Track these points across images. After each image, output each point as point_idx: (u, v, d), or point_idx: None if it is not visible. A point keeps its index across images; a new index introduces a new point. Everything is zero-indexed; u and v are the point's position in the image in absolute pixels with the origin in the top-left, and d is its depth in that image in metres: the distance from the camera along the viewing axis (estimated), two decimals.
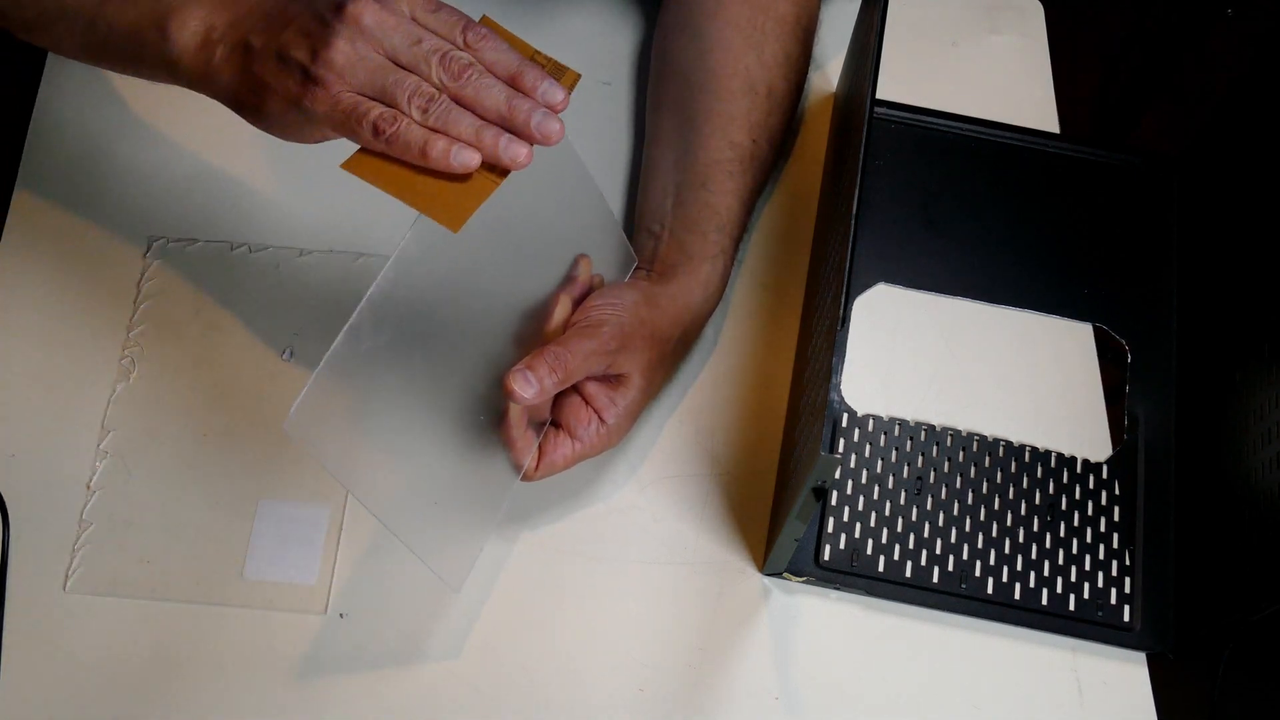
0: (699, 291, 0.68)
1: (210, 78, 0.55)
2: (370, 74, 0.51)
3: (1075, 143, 0.81)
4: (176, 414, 0.69)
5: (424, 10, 0.53)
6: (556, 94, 0.53)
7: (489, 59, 0.52)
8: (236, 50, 0.54)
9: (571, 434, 0.62)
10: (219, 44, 0.54)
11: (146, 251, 0.74)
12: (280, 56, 0.52)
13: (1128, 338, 0.74)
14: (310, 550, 0.66)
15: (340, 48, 0.51)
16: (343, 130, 0.52)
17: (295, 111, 0.52)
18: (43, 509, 0.66)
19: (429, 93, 0.51)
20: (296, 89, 0.52)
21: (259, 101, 0.53)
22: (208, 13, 0.55)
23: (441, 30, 0.52)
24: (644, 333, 0.63)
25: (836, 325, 0.56)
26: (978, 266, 0.77)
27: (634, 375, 0.63)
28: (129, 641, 0.63)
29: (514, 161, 0.51)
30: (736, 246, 0.71)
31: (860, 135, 0.61)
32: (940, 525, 0.68)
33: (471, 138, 0.51)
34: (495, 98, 0.52)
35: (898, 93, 0.82)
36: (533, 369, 0.57)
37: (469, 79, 0.52)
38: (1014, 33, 0.87)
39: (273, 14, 0.53)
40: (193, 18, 0.55)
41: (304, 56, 0.51)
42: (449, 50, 0.52)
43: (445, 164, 0.50)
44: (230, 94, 0.55)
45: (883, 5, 0.64)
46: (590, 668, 0.64)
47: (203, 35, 0.55)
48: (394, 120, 0.51)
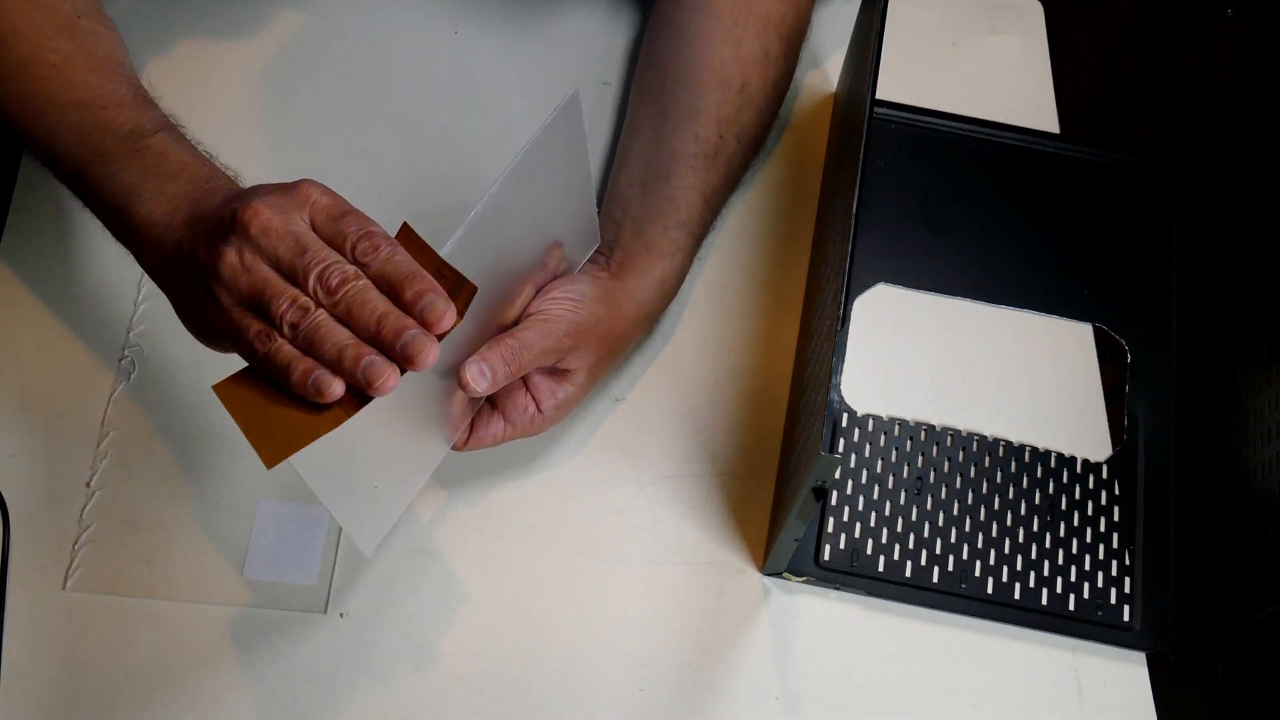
0: (654, 290, 0.68)
1: (155, 273, 0.55)
2: (252, 286, 0.49)
3: (1075, 143, 0.81)
4: (176, 414, 0.69)
5: (325, 216, 0.50)
6: (438, 307, 0.49)
7: (376, 271, 0.49)
8: (175, 248, 0.53)
9: (505, 416, 0.62)
10: (167, 240, 0.54)
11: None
12: (193, 263, 0.51)
13: (1128, 338, 0.75)
14: (310, 550, 0.66)
15: (227, 258, 0.49)
16: (234, 349, 0.50)
17: (203, 323, 0.52)
18: (43, 509, 0.66)
19: (303, 307, 0.48)
20: (200, 300, 0.51)
21: (182, 303, 0.54)
22: (166, 211, 0.55)
23: (335, 239, 0.50)
24: (599, 331, 0.63)
25: (836, 325, 0.56)
26: (978, 266, 0.77)
27: (580, 372, 0.63)
28: (129, 641, 0.63)
29: (369, 384, 0.47)
30: (697, 244, 0.71)
31: (860, 135, 0.61)
32: (940, 525, 0.68)
33: (333, 358, 0.48)
34: (369, 314, 0.48)
35: (898, 93, 0.82)
36: (488, 362, 0.57)
37: (345, 293, 0.48)
38: (1014, 33, 0.87)
39: (206, 220, 0.52)
40: (155, 211, 0.55)
41: (203, 265, 0.50)
42: (331, 263, 0.49)
43: (304, 390, 0.48)
44: (166, 284, 0.55)
45: (883, 5, 0.64)
46: (590, 668, 0.64)
47: (157, 232, 0.55)
48: (268, 339, 0.49)
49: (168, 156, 0.57)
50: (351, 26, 0.83)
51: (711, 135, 0.71)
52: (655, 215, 0.69)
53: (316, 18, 0.83)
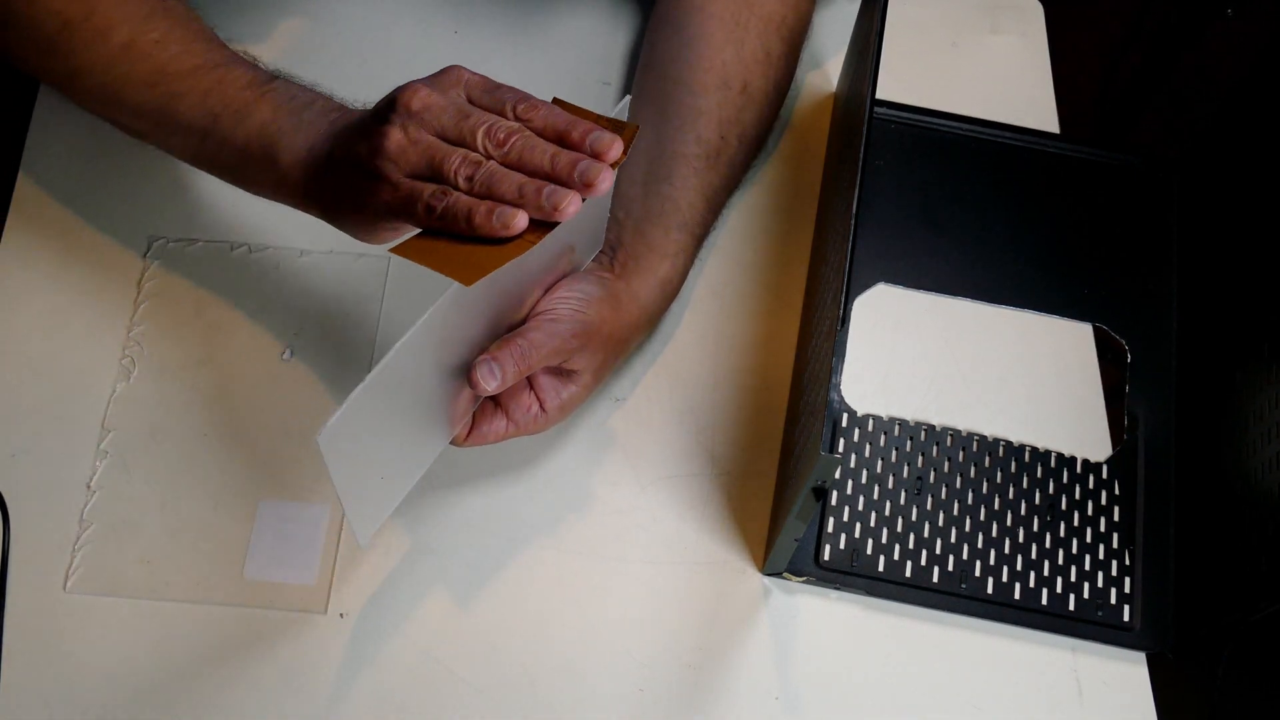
0: (657, 290, 0.68)
1: (308, 195, 0.58)
2: (421, 155, 0.52)
3: (1075, 143, 0.81)
4: (176, 414, 0.69)
5: (479, 90, 0.54)
6: (605, 141, 0.52)
7: (539, 124, 0.53)
8: (326, 165, 0.57)
9: (508, 414, 0.62)
10: (315, 163, 0.57)
11: (146, 251, 0.74)
12: (352, 161, 0.54)
13: (1128, 338, 0.75)
14: (310, 550, 0.66)
15: (393, 136, 0.53)
16: (405, 217, 0.53)
17: (368, 210, 0.55)
18: (43, 509, 0.66)
19: (475, 161, 0.52)
20: (365, 186, 0.54)
21: (343, 208, 0.57)
22: (310, 135, 0.58)
23: (493, 105, 0.54)
24: (604, 332, 0.63)
25: (836, 325, 0.56)
26: (978, 266, 0.77)
27: (584, 373, 0.63)
28: (129, 641, 0.63)
29: (555, 209, 0.51)
30: (699, 245, 0.71)
31: (860, 135, 0.61)
32: (940, 525, 0.68)
33: (514, 196, 0.51)
34: (540, 155, 0.52)
35: (898, 93, 0.82)
36: (499, 362, 0.57)
37: (514, 143, 0.52)
38: (1014, 33, 0.87)
39: (354, 125, 0.56)
40: (297, 141, 0.58)
41: (364, 154, 0.53)
42: (495, 121, 0.53)
43: (489, 228, 0.51)
44: (324, 206, 0.58)
45: (883, 5, 0.64)
46: (590, 668, 0.64)
47: (304, 157, 0.58)
48: (444, 195, 0.51)
49: (294, 96, 0.61)
50: (351, 27, 0.83)
51: (713, 136, 0.71)
52: (657, 216, 0.69)
53: (316, 18, 0.83)
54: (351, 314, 0.73)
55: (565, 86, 0.82)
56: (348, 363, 0.71)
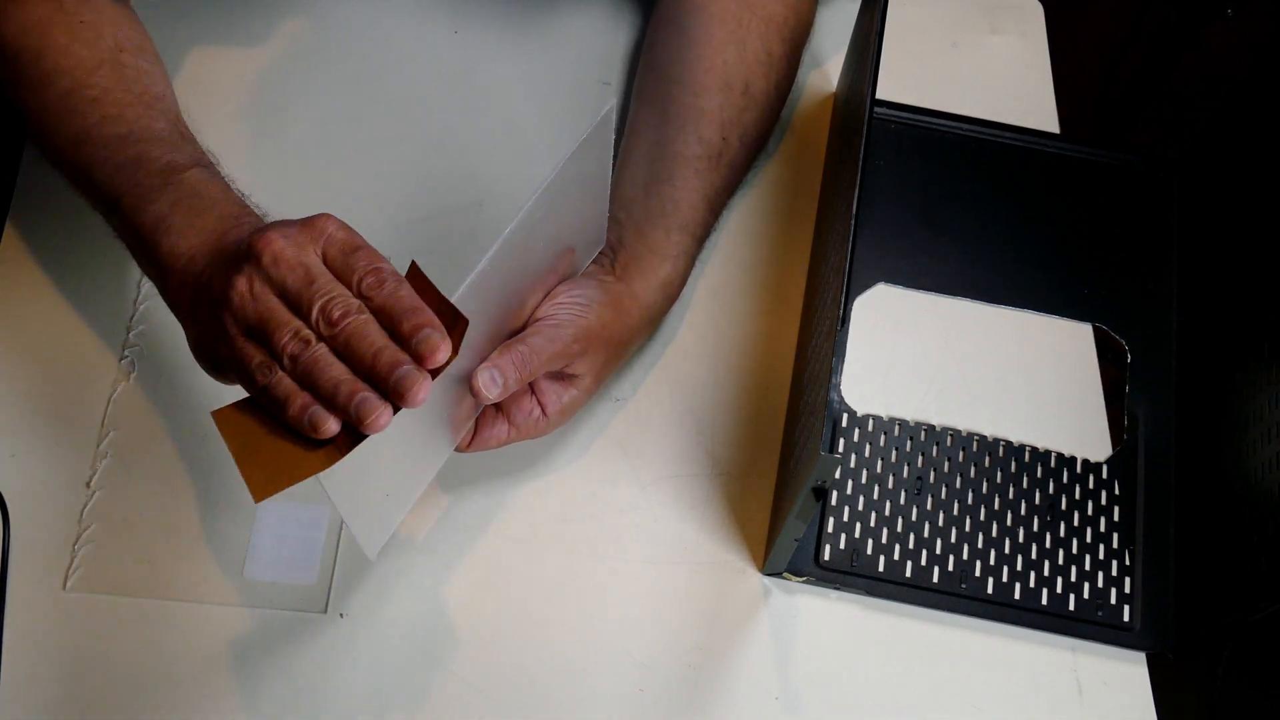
0: (658, 292, 0.68)
1: (178, 305, 0.56)
2: (258, 315, 0.49)
3: (1075, 143, 0.81)
4: (176, 414, 0.69)
5: (337, 249, 0.51)
6: (432, 341, 0.48)
7: (377, 304, 0.49)
8: (197, 279, 0.54)
9: (509, 419, 0.61)
10: (190, 273, 0.55)
11: None
12: (209, 292, 0.52)
13: (1128, 338, 0.75)
14: (310, 550, 0.66)
15: (238, 287, 0.50)
16: (238, 380, 0.51)
17: (213, 356, 0.53)
18: (43, 509, 0.66)
19: (304, 339, 0.49)
20: (214, 330, 0.51)
21: (198, 335, 0.54)
22: (191, 243, 0.56)
23: (345, 275, 0.50)
24: (605, 336, 0.63)
25: (836, 325, 0.56)
26: (978, 266, 0.77)
27: (586, 377, 0.63)
28: (129, 641, 0.63)
29: (361, 422, 0.47)
30: (699, 246, 0.71)
31: (860, 135, 0.61)
32: (940, 525, 0.68)
33: (328, 392, 0.48)
34: (366, 348, 0.48)
35: (898, 93, 0.82)
36: (500, 369, 0.57)
37: (345, 326, 0.49)
38: (1014, 33, 0.87)
39: (226, 253, 0.53)
40: (179, 244, 0.56)
41: (217, 295, 0.51)
42: (335, 296, 0.49)
43: (300, 425, 0.48)
44: (185, 316, 0.56)
45: (883, 5, 0.64)
46: (590, 668, 0.64)
47: (181, 264, 0.56)
48: (269, 371, 0.49)
49: (200, 193, 0.58)
50: (352, 28, 0.83)
51: (714, 137, 0.71)
52: (658, 217, 0.69)
53: (316, 18, 0.83)
54: None
55: (565, 86, 0.82)
56: None
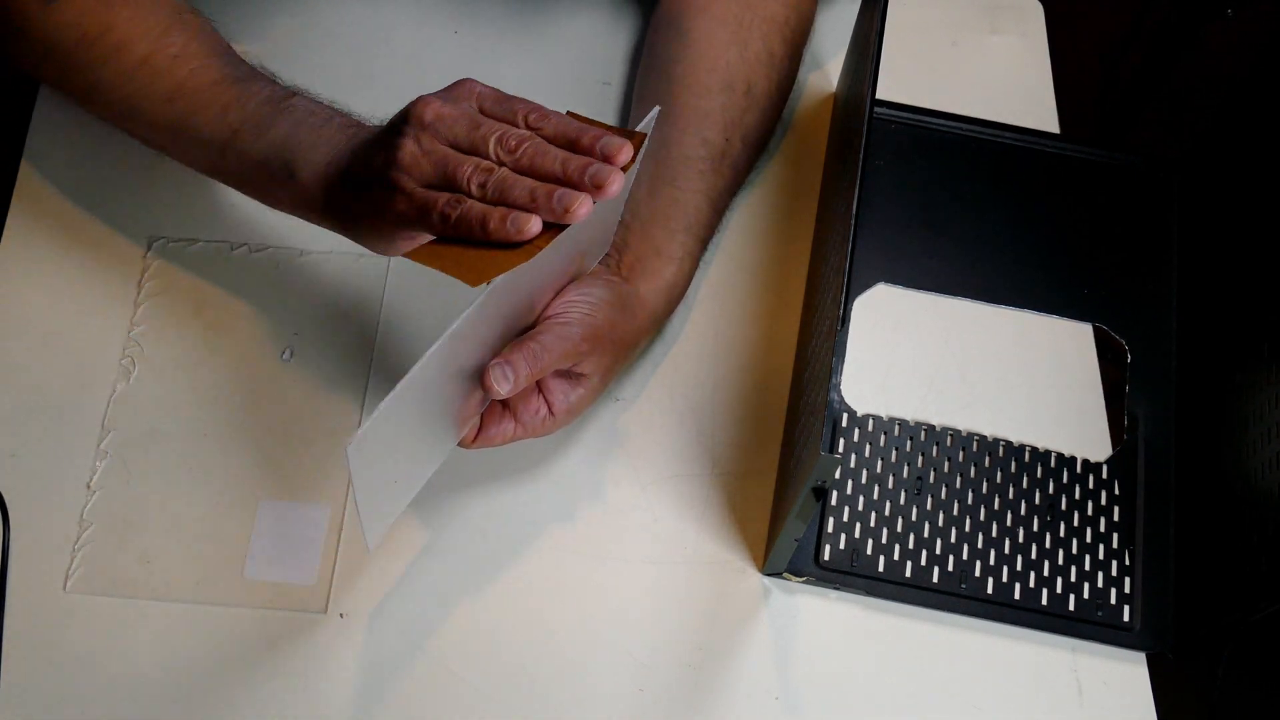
0: (664, 293, 0.68)
1: (327, 209, 0.59)
2: (435, 165, 0.53)
3: (1075, 143, 0.81)
4: (176, 414, 0.69)
5: (491, 101, 0.55)
6: (614, 145, 0.53)
7: (549, 131, 0.54)
8: (344, 179, 0.57)
9: (516, 416, 0.62)
10: (333, 179, 0.58)
11: (147, 251, 0.74)
12: (367, 174, 0.55)
13: (1128, 338, 0.75)
14: (310, 550, 0.66)
15: (406, 148, 0.53)
16: (422, 225, 0.54)
17: (385, 221, 0.55)
18: (43, 509, 0.66)
19: (487, 168, 0.53)
20: (381, 198, 0.54)
21: (360, 221, 0.57)
22: (329, 150, 0.59)
23: (505, 115, 0.55)
24: (612, 336, 0.63)
25: (836, 325, 0.56)
26: (978, 266, 0.77)
27: (593, 376, 0.63)
28: (129, 641, 0.63)
29: (567, 211, 0.51)
30: (704, 247, 0.71)
31: (860, 135, 0.61)
32: (940, 525, 0.68)
33: (526, 200, 0.52)
34: (552, 160, 0.53)
35: (898, 93, 0.82)
36: (512, 364, 0.57)
37: (525, 149, 0.53)
38: (1014, 33, 0.87)
39: (370, 140, 0.57)
40: (316, 156, 0.59)
41: (380, 166, 0.54)
42: (506, 129, 0.54)
43: (503, 233, 0.51)
44: (342, 221, 0.59)
45: (883, 5, 0.64)
46: (590, 668, 0.64)
47: (322, 172, 0.59)
48: (458, 203, 0.52)
49: (313, 110, 0.62)
50: (352, 28, 0.83)
51: (718, 139, 0.71)
52: (663, 219, 0.69)
53: (317, 19, 0.83)
54: (351, 314, 0.73)
55: (565, 87, 0.82)
56: (348, 363, 0.71)
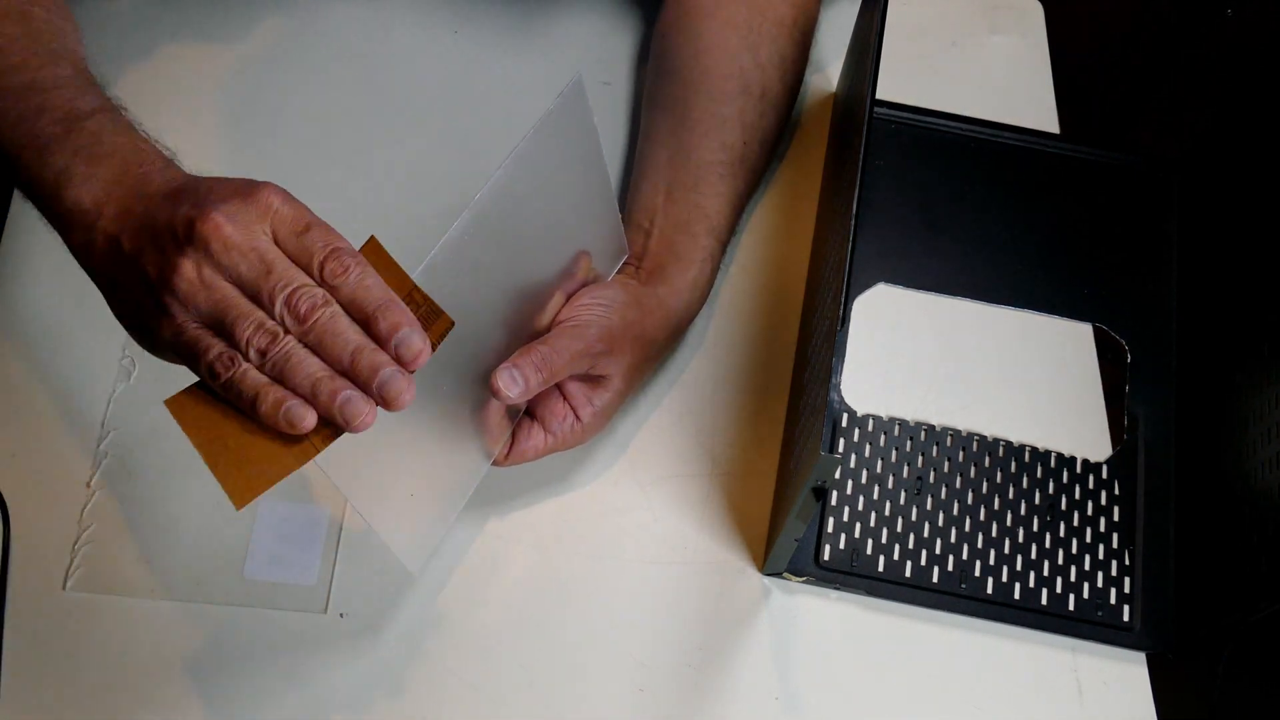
0: (686, 295, 0.68)
1: (86, 256, 0.53)
2: (213, 305, 0.47)
3: (1075, 143, 0.81)
4: None
5: (289, 232, 0.48)
6: (413, 346, 0.47)
7: (345, 296, 0.47)
8: (110, 242, 0.51)
9: (545, 427, 0.62)
10: (98, 229, 0.51)
11: None
12: (138, 271, 0.49)
13: (1128, 338, 0.74)
14: (310, 550, 0.66)
15: (184, 273, 0.47)
16: (186, 364, 0.49)
17: (147, 333, 0.50)
18: (43, 509, 0.66)
19: (270, 333, 0.47)
20: (149, 309, 0.49)
21: (120, 302, 0.51)
22: (100, 193, 0.52)
23: (300, 258, 0.48)
24: (630, 335, 0.63)
25: (836, 325, 0.56)
26: (978, 266, 0.77)
27: (615, 378, 0.63)
28: (129, 641, 0.63)
29: (348, 423, 0.46)
30: (724, 250, 0.72)
31: (860, 135, 0.61)
32: (940, 525, 0.68)
33: (307, 391, 0.46)
34: (341, 347, 0.47)
35: (898, 93, 0.82)
36: (519, 368, 0.57)
37: (315, 321, 0.47)
38: (1014, 33, 0.87)
39: (146, 217, 0.50)
40: (86, 193, 0.52)
41: (154, 276, 0.48)
42: (299, 287, 0.47)
43: (274, 422, 0.46)
44: (101, 280, 0.53)
45: (883, 5, 0.64)
46: (590, 668, 0.64)
47: (86, 219, 0.52)
48: (232, 363, 0.47)
49: (101, 139, 0.54)
50: (351, 27, 0.83)
51: (737, 143, 0.71)
52: (684, 223, 0.69)
53: (315, 18, 0.83)
54: None
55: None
56: None
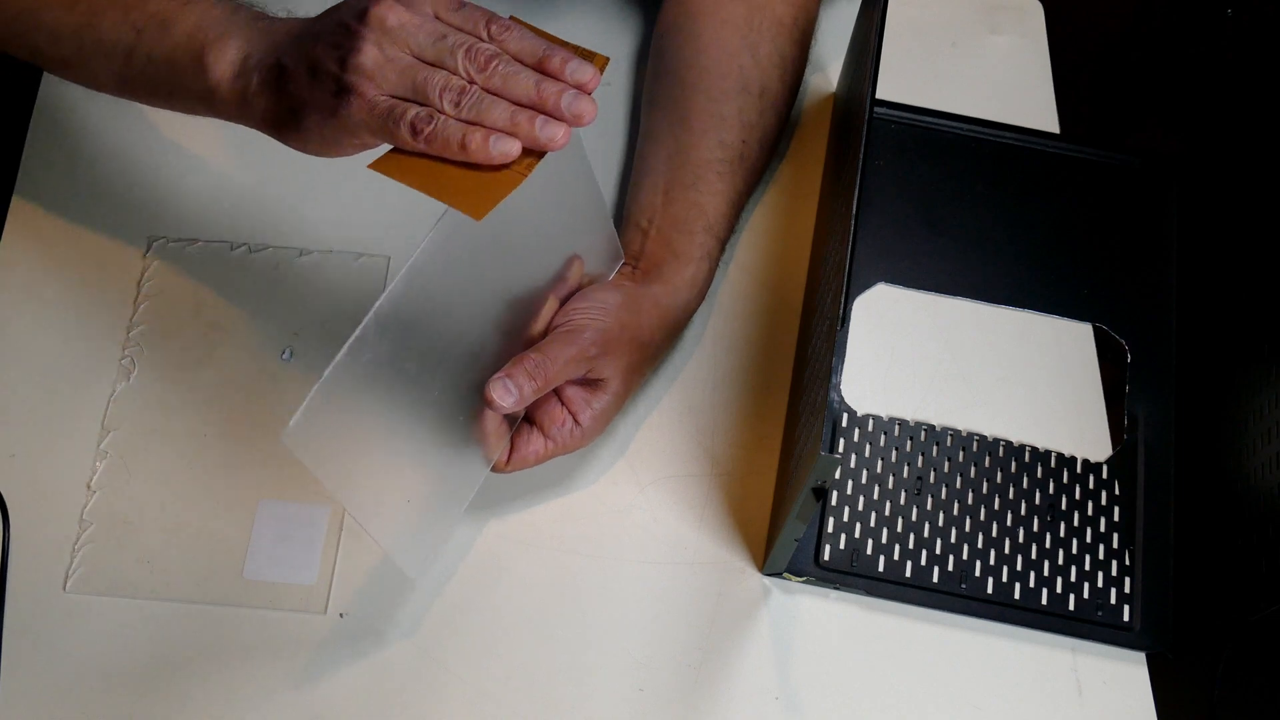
0: (683, 293, 0.68)
1: (247, 105, 0.56)
2: (400, 74, 0.51)
3: (1075, 143, 0.81)
4: (176, 414, 0.69)
5: (447, 8, 0.53)
6: (585, 72, 0.52)
7: (514, 48, 0.53)
8: (271, 73, 0.54)
9: (545, 432, 0.62)
10: (254, 70, 0.55)
11: (146, 251, 0.74)
12: (312, 71, 0.53)
13: (1128, 338, 0.75)
14: (310, 550, 0.66)
15: (368, 52, 0.51)
16: (382, 134, 0.52)
17: (333, 123, 0.53)
18: (43, 509, 0.66)
19: (460, 85, 0.51)
20: (332, 100, 0.52)
21: (297, 120, 0.54)
22: (243, 41, 0.56)
23: (465, 25, 0.53)
24: (625, 337, 0.63)
25: (836, 325, 0.56)
26: (978, 266, 0.77)
27: (613, 380, 0.63)
28: (129, 641, 0.63)
29: (551, 142, 0.51)
30: (722, 248, 0.71)
31: (860, 135, 0.61)
32: (940, 525, 0.68)
33: (507, 124, 0.51)
34: (524, 83, 0.52)
35: (898, 93, 0.82)
36: (513, 378, 0.57)
37: (495, 68, 0.52)
38: (1014, 33, 0.87)
39: (303, 34, 0.54)
40: (229, 47, 0.56)
41: (335, 66, 0.52)
42: (474, 43, 0.52)
43: (485, 155, 0.50)
44: (268, 118, 0.56)
45: (883, 5, 0.64)
46: (590, 668, 0.64)
47: (239, 64, 0.56)
48: (430, 119, 0.51)
49: (218, 1, 0.58)
50: None
51: (736, 141, 0.71)
52: (683, 221, 0.69)
53: None
54: (351, 314, 0.73)
55: None
56: None
